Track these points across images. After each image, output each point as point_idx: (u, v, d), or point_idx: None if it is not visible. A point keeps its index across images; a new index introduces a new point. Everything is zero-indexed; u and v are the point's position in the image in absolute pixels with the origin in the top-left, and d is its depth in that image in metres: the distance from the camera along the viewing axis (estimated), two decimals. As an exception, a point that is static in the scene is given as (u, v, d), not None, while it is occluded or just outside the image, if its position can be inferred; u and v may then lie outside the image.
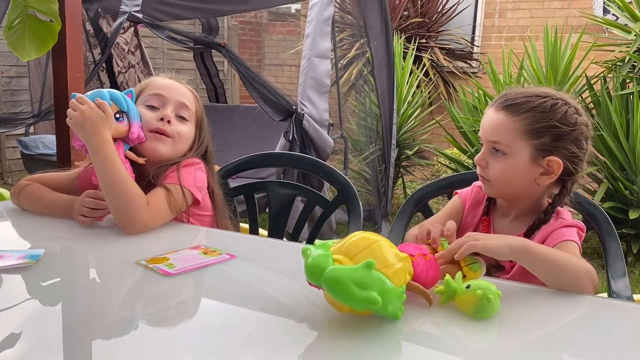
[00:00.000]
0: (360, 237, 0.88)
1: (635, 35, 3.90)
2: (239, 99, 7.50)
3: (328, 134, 3.49)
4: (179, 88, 1.48)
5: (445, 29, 6.57)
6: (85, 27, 4.28)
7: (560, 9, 6.01)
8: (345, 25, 5.52)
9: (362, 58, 4.59)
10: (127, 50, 4.70)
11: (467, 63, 6.54)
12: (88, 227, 1.33)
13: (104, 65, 4.61)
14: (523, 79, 4.06)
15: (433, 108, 5.48)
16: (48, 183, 1.46)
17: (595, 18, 4.74)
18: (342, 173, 1.74)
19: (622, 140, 3.55)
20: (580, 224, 1.21)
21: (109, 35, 4.06)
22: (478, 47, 6.60)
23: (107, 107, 1.32)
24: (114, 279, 1.08)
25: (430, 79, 5.99)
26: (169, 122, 1.42)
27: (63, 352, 0.80)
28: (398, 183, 5.01)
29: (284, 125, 3.44)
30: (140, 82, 1.55)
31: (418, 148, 5.04)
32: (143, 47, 4.86)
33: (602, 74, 3.96)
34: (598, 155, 3.76)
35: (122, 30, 4.44)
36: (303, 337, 0.85)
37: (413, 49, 5.19)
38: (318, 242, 0.89)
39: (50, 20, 1.36)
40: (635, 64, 3.86)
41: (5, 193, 2.11)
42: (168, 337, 0.85)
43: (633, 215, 3.39)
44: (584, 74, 3.89)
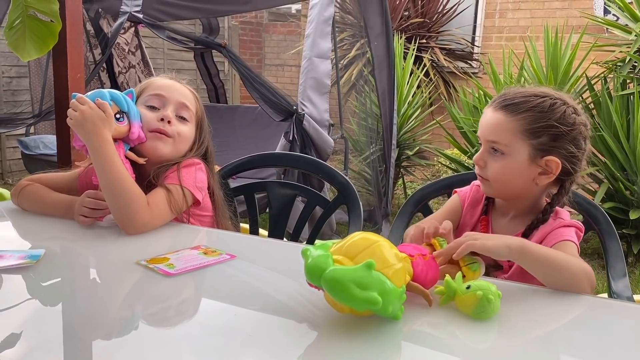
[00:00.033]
0: (360, 237, 0.88)
1: (636, 36, 3.90)
2: (240, 99, 7.50)
3: (328, 134, 3.49)
4: (180, 88, 1.48)
5: (446, 29, 6.57)
6: (86, 27, 4.29)
7: (561, 9, 6.01)
8: (346, 26, 5.52)
9: (362, 58, 4.59)
10: (127, 51, 4.71)
11: (467, 63, 6.54)
12: (88, 227, 1.33)
13: (105, 66, 4.61)
14: (523, 80, 4.05)
15: (433, 108, 5.48)
16: (48, 183, 1.46)
17: (596, 18, 4.74)
18: (342, 173, 1.74)
19: (622, 141, 3.55)
20: (579, 224, 1.21)
21: (110, 36, 4.06)
22: (478, 47, 6.60)
23: (107, 107, 1.32)
24: (114, 279, 1.09)
25: (431, 79, 5.99)
26: (170, 122, 1.42)
27: (63, 352, 0.80)
28: (398, 183, 5.01)
29: (285, 126, 3.44)
30: (141, 82, 1.55)
31: (418, 148, 5.04)
32: (144, 47, 4.87)
33: (602, 75, 3.96)
34: (598, 156, 3.76)
35: (122, 31, 4.45)
36: (303, 337, 0.85)
37: (413, 49, 5.19)
38: (318, 242, 0.89)
39: (51, 21, 1.36)
40: (636, 65, 3.86)
41: (6, 193, 2.11)
42: (168, 337, 0.85)
43: (633, 216, 3.39)
44: (585, 75, 3.89)
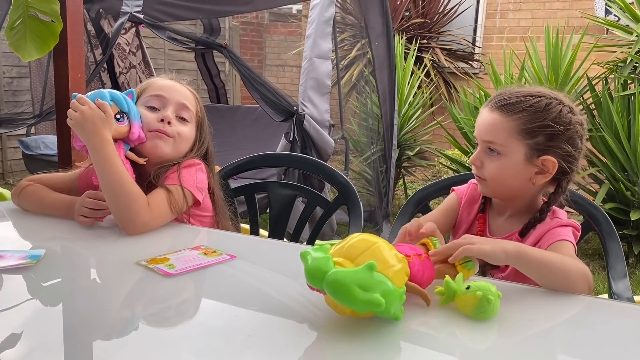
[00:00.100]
0: (360, 239, 0.88)
1: (637, 36, 3.90)
2: (240, 100, 7.51)
3: (329, 135, 3.49)
4: (180, 89, 1.48)
5: (447, 30, 6.57)
6: (87, 27, 4.29)
7: (562, 10, 6.01)
8: (347, 26, 5.52)
9: (363, 59, 4.59)
10: (128, 51, 4.71)
11: (468, 64, 6.54)
12: (89, 227, 1.33)
13: (105, 66, 4.62)
14: (524, 80, 4.05)
15: (434, 109, 5.48)
16: (49, 183, 1.46)
17: (597, 19, 4.74)
18: (343, 174, 1.74)
19: (623, 141, 3.55)
20: (576, 224, 1.21)
21: (110, 36, 4.06)
22: (479, 47, 6.60)
23: (107, 107, 1.32)
24: (115, 280, 1.09)
25: (432, 80, 5.99)
26: (170, 123, 1.42)
27: (63, 352, 0.80)
28: (399, 184, 5.01)
29: (285, 126, 3.44)
30: (142, 82, 1.55)
31: (419, 149, 5.04)
32: (144, 47, 4.87)
33: (603, 75, 3.95)
34: (599, 156, 3.76)
35: (123, 31, 4.45)
36: (303, 338, 0.85)
37: (414, 50, 5.19)
38: (318, 242, 0.89)
39: (52, 21, 1.37)
40: (637, 65, 3.85)
41: (6, 193, 2.11)
42: (168, 337, 0.85)
43: (634, 217, 3.39)
44: (586, 75, 3.89)
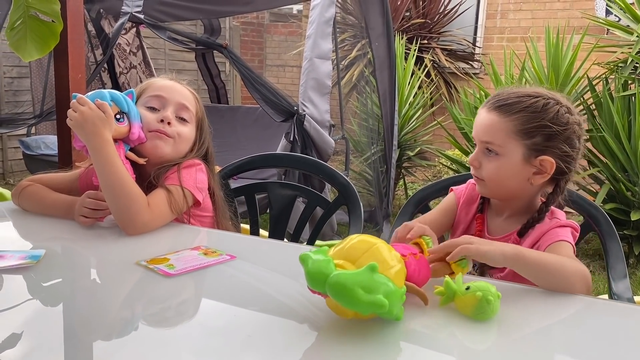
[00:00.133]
0: (359, 240, 0.88)
1: (637, 37, 3.89)
2: (241, 100, 7.51)
3: (329, 135, 3.49)
4: (180, 89, 1.48)
5: (447, 30, 6.57)
6: (87, 27, 4.29)
7: (562, 10, 6.01)
8: (347, 26, 5.52)
9: (363, 59, 4.59)
10: (128, 51, 4.71)
11: (468, 64, 6.54)
12: (89, 227, 1.33)
13: (106, 66, 4.62)
14: (525, 80, 4.05)
15: (434, 109, 5.48)
16: (49, 184, 1.47)
17: (597, 19, 4.74)
18: (343, 174, 1.74)
19: (623, 142, 3.54)
20: (575, 224, 1.21)
21: (111, 36, 4.06)
22: (480, 48, 6.60)
23: (107, 107, 1.31)
24: (115, 280, 1.09)
25: (432, 80, 5.99)
26: (169, 123, 1.42)
27: (64, 352, 0.80)
28: (399, 184, 5.01)
29: (285, 126, 3.44)
30: (142, 82, 1.55)
31: (419, 149, 5.03)
32: (145, 47, 4.87)
33: (604, 75, 3.95)
34: (600, 157, 3.75)
35: (124, 31, 4.45)
36: (303, 338, 0.85)
37: (415, 50, 5.19)
38: (319, 243, 0.89)
39: (52, 21, 1.37)
40: (637, 65, 3.85)
41: (7, 193, 2.12)
42: (168, 337, 0.85)
43: (635, 217, 3.39)
44: (586, 75, 3.89)
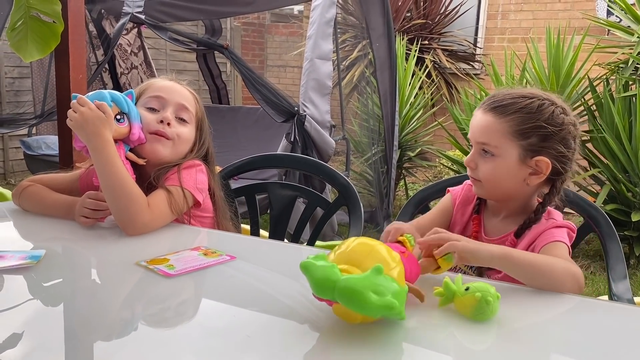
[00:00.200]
0: (359, 243, 0.88)
1: (638, 37, 3.89)
2: (242, 101, 7.51)
3: (330, 136, 3.50)
4: (179, 90, 1.48)
5: (448, 31, 6.57)
6: (88, 28, 4.30)
7: (563, 11, 6.01)
8: (348, 27, 5.53)
9: (364, 59, 4.59)
10: (129, 52, 4.72)
11: (469, 65, 6.54)
12: (89, 228, 1.33)
13: (107, 67, 4.63)
14: (525, 81, 4.05)
15: (435, 110, 5.48)
16: (49, 184, 1.47)
17: (598, 20, 4.74)
18: (343, 174, 1.74)
19: (624, 143, 3.54)
20: (571, 225, 1.21)
21: (112, 37, 4.07)
22: (480, 48, 6.59)
23: (107, 108, 1.32)
24: (115, 280, 1.09)
25: (433, 81, 5.98)
26: (169, 124, 1.42)
27: (64, 352, 0.80)
28: (400, 185, 5.01)
29: (286, 127, 3.45)
30: (143, 83, 1.56)
31: (420, 150, 5.03)
32: (146, 48, 4.88)
33: (604, 76, 3.95)
34: (600, 158, 3.75)
35: (125, 32, 4.46)
36: (303, 338, 0.85)
37: (415, 51, 5.19)
38: (319, 243, 0.89)
39: (53, 22, 1.37)
40: (638, 66, 3.85)
41: (7, 193, 2.12)
42: (168, 338, 0.85)
43: (635, 218, 3.39)
44: (587, 76, 3.88)
